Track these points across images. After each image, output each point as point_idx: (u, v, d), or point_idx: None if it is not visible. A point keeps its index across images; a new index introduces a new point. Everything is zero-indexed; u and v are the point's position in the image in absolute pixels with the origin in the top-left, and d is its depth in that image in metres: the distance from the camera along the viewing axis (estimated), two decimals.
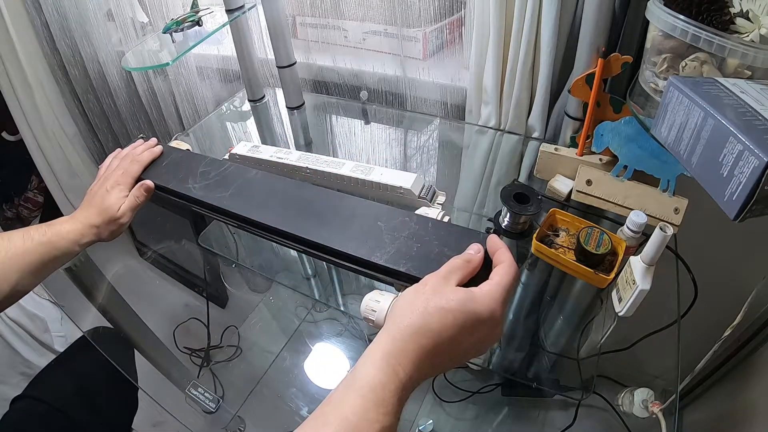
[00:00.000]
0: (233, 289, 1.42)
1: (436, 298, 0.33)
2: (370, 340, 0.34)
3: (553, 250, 0.59)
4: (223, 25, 0.85)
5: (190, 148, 0.73)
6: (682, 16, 0.45)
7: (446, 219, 0.52)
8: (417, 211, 0.52)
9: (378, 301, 0.38)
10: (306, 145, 0.97)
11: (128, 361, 0.90)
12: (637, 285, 0.51)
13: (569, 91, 0.64)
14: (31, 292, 1.15)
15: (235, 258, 0.87)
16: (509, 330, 0.73)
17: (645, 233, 0.55)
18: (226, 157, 0.77)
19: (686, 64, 0.47)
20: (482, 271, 0.38)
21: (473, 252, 0.39)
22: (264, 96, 1.04)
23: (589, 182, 0.64)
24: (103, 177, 0.62)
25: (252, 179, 0.59)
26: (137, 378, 0.88)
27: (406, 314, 0.33)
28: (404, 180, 0.63)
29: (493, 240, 0.39)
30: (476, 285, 0.35)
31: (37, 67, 1.26)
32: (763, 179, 0.34)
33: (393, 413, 0.30)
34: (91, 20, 1.13)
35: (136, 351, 0.93)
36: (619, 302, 0.55)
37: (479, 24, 0.73)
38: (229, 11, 0.85)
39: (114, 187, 0.60)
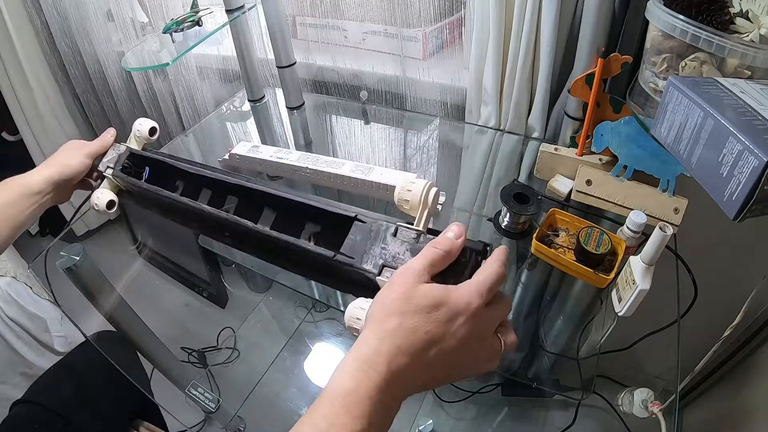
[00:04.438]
0: (233, 289, 1.42)
1: (411, 296, 0.33)
2: None
3: (553, 250, 0.59)
4: (223, 25, 0.85)
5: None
6: (681, 16, 0.45)
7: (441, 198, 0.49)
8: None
9: (363, 308, 0.38)
10: (306, 145, 0.97)
11: (134, 365, 0.90)
12: (637, 285, 0.51)
13: (569, 91, 0.64)
14: (31, 291, 1.15)
15: (235, 258, 0.87)
16: None
17: (645, 233, 0.55)
18: (227, 157, 0.77)
19: (686, 64, 0.47)
20: (470, 270, 0.37)
21: (453, 236, 0.37)
22: (264, 96, 1.04)
23: (589, 182, 0.64)
24: None
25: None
26: (149, 383, 0.88)
27: (379, 316, 0.33)
28: (404, 180, 0.63)
29: (501, 250, 0.37)
30: (462, 280, 0.35)
31: (37, 67, 1.26)
32: (763, 179, 0.34)
33: (366, 416, 0.29)
34: (91, 20, 1.13)
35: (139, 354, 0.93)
36: (619, 302, 0.55)
37: (479, 24, 0.73)
38: (229, 11, 0.85)
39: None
